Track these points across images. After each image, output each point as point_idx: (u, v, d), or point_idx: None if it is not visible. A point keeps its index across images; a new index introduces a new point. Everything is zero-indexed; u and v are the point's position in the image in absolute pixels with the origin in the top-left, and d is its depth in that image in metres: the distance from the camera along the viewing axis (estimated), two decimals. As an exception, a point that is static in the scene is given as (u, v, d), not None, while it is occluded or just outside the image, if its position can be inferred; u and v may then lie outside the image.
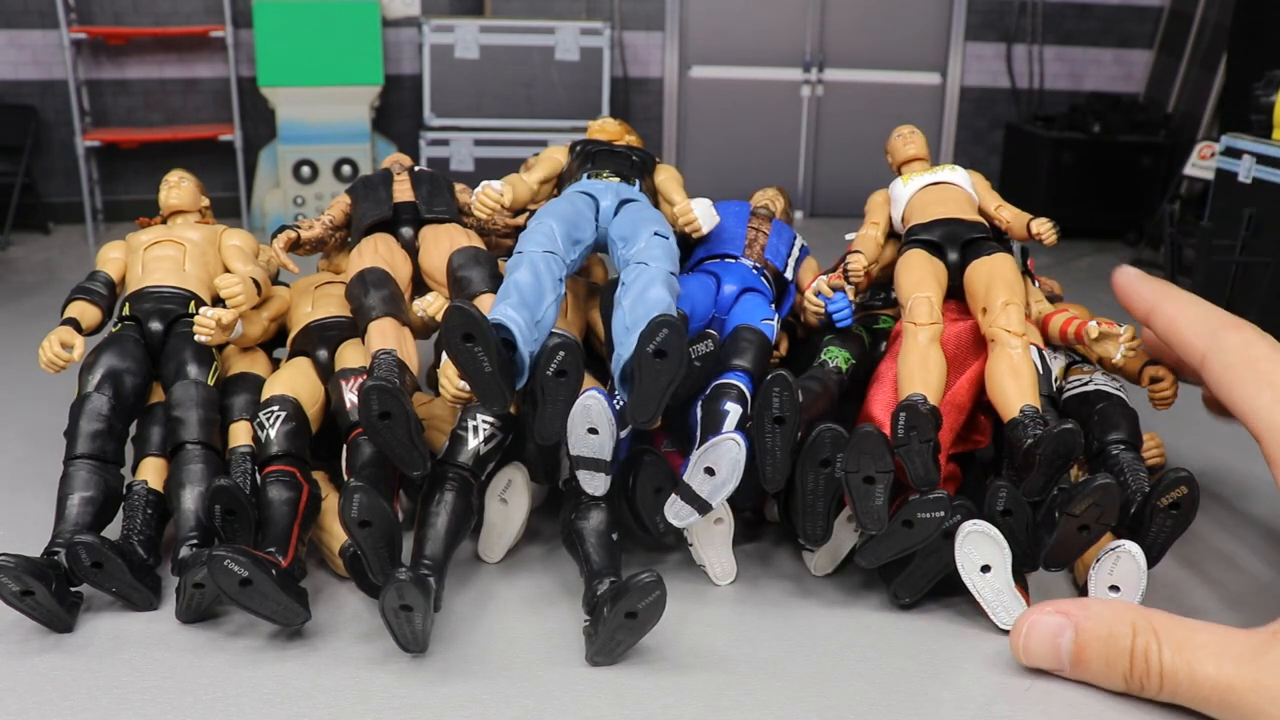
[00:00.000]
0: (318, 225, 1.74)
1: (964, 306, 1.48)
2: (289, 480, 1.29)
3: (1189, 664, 0.64)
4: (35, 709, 0.98)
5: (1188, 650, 0.65)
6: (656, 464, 1.29)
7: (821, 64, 5.14)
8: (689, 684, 1.06)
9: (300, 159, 4.41)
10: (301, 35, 4.32)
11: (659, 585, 1.04)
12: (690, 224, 1.56)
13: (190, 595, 1.14)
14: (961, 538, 1.19)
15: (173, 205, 1.68)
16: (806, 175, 5.25)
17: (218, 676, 1.05)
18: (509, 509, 1.35)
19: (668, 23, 4.99)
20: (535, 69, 4.63)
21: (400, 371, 1.34)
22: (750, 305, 1.49)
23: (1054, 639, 0.70)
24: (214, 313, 1.40)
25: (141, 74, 4.62)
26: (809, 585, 1.32)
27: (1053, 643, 0.70)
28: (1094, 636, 0.67)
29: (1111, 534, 1.26)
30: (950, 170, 1.69)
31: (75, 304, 1.50)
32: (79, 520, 1.25)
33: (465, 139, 4.62)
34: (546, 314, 1.29)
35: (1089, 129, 4.81)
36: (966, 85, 5.30)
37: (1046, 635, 0.69)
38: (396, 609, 1.04)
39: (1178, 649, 0.65)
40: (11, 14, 4.42)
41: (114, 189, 4.66)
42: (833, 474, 1.20)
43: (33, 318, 2.81)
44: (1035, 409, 1.25)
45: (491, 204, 1.57)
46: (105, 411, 1.35)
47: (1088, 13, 5.32)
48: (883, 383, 1.38)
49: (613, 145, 1.69)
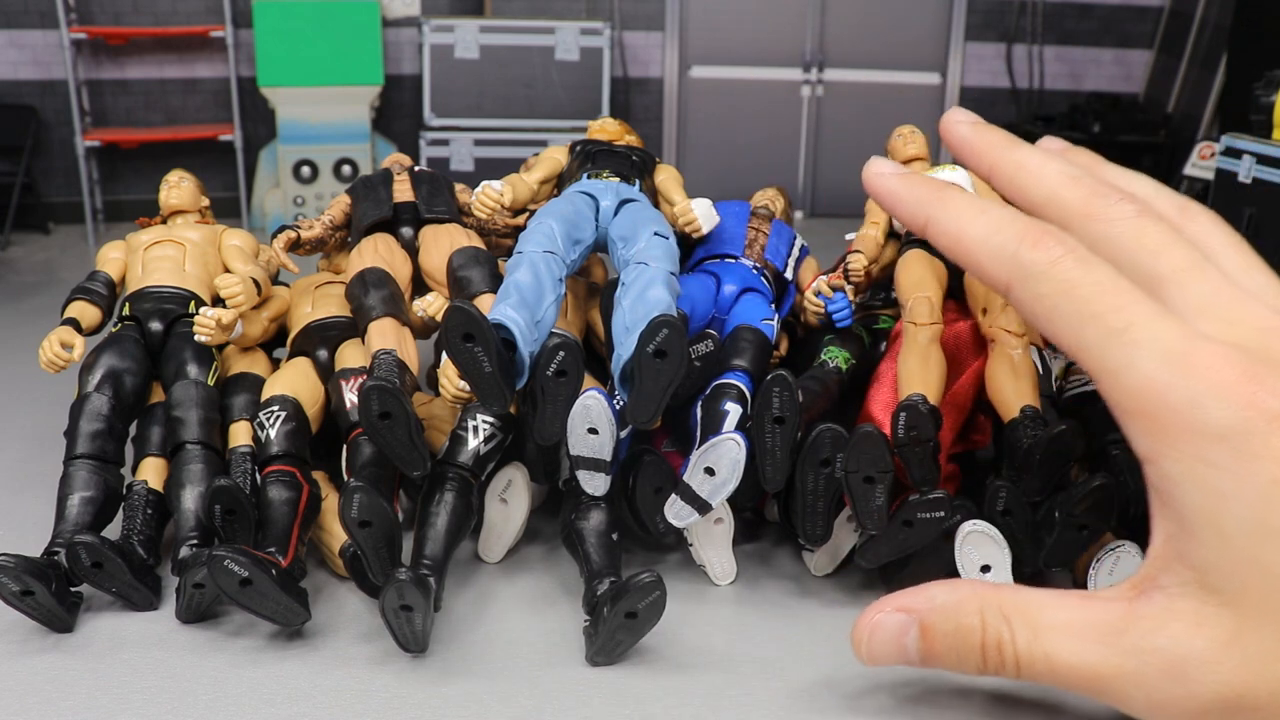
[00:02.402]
0: (318, 225, 1.74)
1: (964, 306, 1.48)
2: (289, 480, 1.29)
3: (1045, 653, 0.58)
4: (35, 709, 0.98)
5: (1043, 635, 0.59)
6: (656, 464, 1.29)
7: (821, 64, 5.14)
8: (689, 684, 1.06)
9: (300, 159, 4.41)
10: (301, 35, 4.31)
11: (659, 585, 1.04)
12: (690, 224, 1.56)
13: (190, 595, 1.14)
14: (961, 538, 1.19)
15: (173, 205, 1.68)
16: (806, 175, 5.25)
17: (218, 676, 1.05)
18: (509, 509, 1.35)
19: (668, 23, 4.99)
20: (535, 69, 4.63)
21: (400, 371, 1.34)
22: (750, 305, 1.49)
23: (898, 639, 0.63)
24: (214, 313, 1.40)
25: (141, 74, 4.62)
26: (809, 585, 1.32)
27: (898, 643, 0.63)
28: (940, 632, 0.60)
29: (1111, 534, 1.26)
30: (951, 170, 1.69)
31: (75, 304, 1.50)
32: (79, 520, 1.25)
33: (465, 139, 4.62)
34: (546, 314, 1.29)
35: (1089, 129, 4.81)
36: (966, 85, 5.30)
37: (890, 636, 0.62)
38: (396, 609, 1.04)
39: (1033, 635, 0.59)
40: (11, 14, 4.42)
41: (114, 189, 4.66)
42: (833, 474, 1.21)
43: (33, 318, 2.81)
44: (1035, 409, 1.25)
45: (491, 204, 1.57)
46: (105, 411, 1.35)
47: (1088, 13, 5.32)
48: (883, 383, 1.38)
49: (613, 145, 1.69)
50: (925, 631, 0.64)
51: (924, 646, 0.64)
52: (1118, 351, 0.60)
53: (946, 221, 0.64)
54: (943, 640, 0.64)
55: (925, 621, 0.64)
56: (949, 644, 0.64)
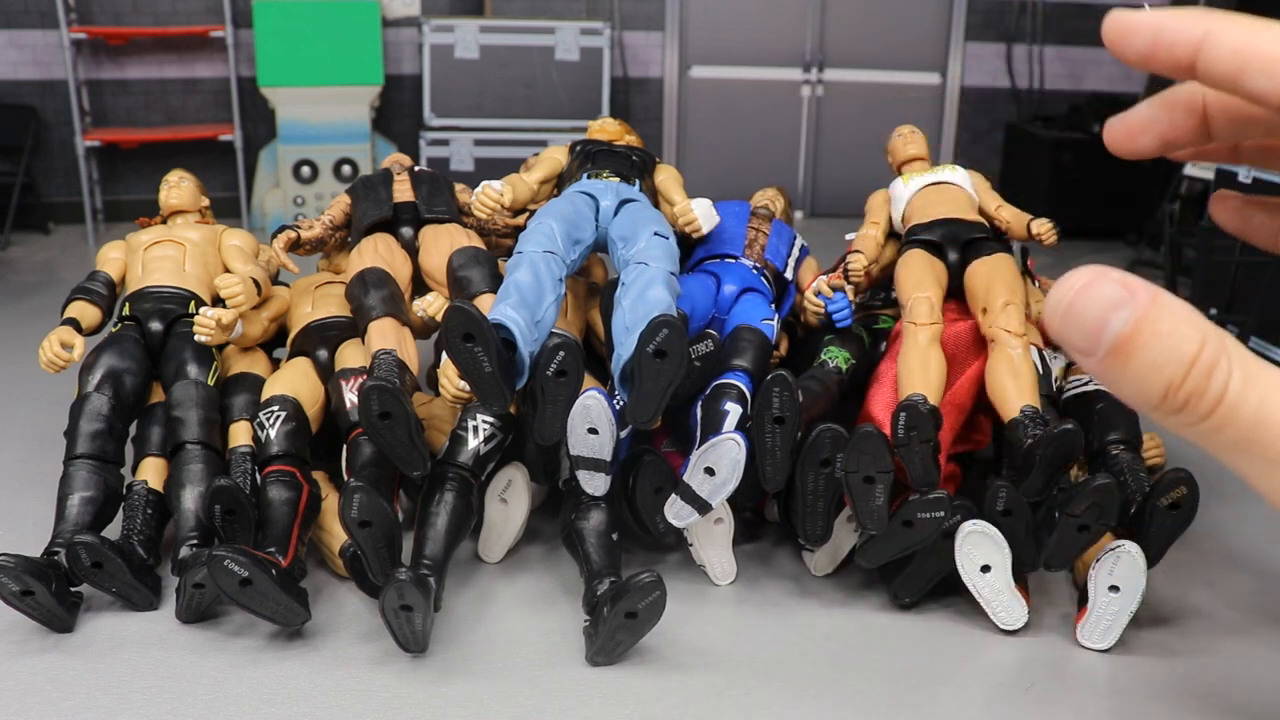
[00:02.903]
0: (318, 225, 1.74)
1: (964, 306, 1.48)
2: (289, 480, 1.29)
3: (1261, 397, 0.50)
4: (35, 709, 0.98)
5: (1263, 384, 0.51)
6: (656, 464, 1.29)
7: (821, 64, 5.14)
8: (689, 684, 1.06)
9: (300, 159, 4.41)
10: (301, 35, 4.31)
11: (659, 585, 1.04)
12: (690, 224, 1.56)
13: (190, 595, 1.14)
14: (961, 538, 1.19)
15: (173, 205, 1.68)
16: (806, 175, 5.25)
17: (218, 676, 1.05)
18: (509, 509, 1.35)
19: (668, 23, 4.99)
20: (535, 69, 4.63)
21: (400, 371, 1.34)
22: (750, 305, 1.49)
23: (1106, 311, 0.56)
24: (214, 313, 1.40)
25: (141, 74, 4.62)
26: (809, 585, 1.32)
27: (1102, 315, 0.56)
28: (1154, 330, 0.53)
29: (1111, 534, 1.25)
30: (951, 170, 1.69)
31: (75, 304, 1.50)
32: (79, 520, 1.25)
33: (465, 139, 4.62)
34: (546, 314, 1.29)
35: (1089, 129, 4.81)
36: (966, 85, 5.30)
37: (1100, 304, 0.54)
38: (396, 609, 1.04)
39: (1249, 379, 0.51)
40: (11, 14, 4.42)
41: (114, 189, 4.66)
42: (833, 474, 1.20)
43: (33, 318, 2.81)
44: (1035, 409, 1.25)
45: (491, 204, 1.57)
46: (105, 411, 1.35)
47: (1088, 13, 5.31)
48: (883, 383, 1.38)
49: (613, 145, 1.69)
50: (1140, 320, 0.56)
51: (1128, 335, 0.56)
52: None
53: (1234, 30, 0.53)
54: (1152, 338, 0.56)
55: (1146, 311, 0.56)
56: (1156, 346, 0.56)
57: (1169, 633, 1.42)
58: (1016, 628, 1.36)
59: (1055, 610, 1.45)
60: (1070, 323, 0.69)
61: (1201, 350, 0.57)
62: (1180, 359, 0.59)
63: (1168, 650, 1.38)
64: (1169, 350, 0.60)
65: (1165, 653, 1.37)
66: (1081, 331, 0.66)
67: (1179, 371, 0.59)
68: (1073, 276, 0.64)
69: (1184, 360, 0.58)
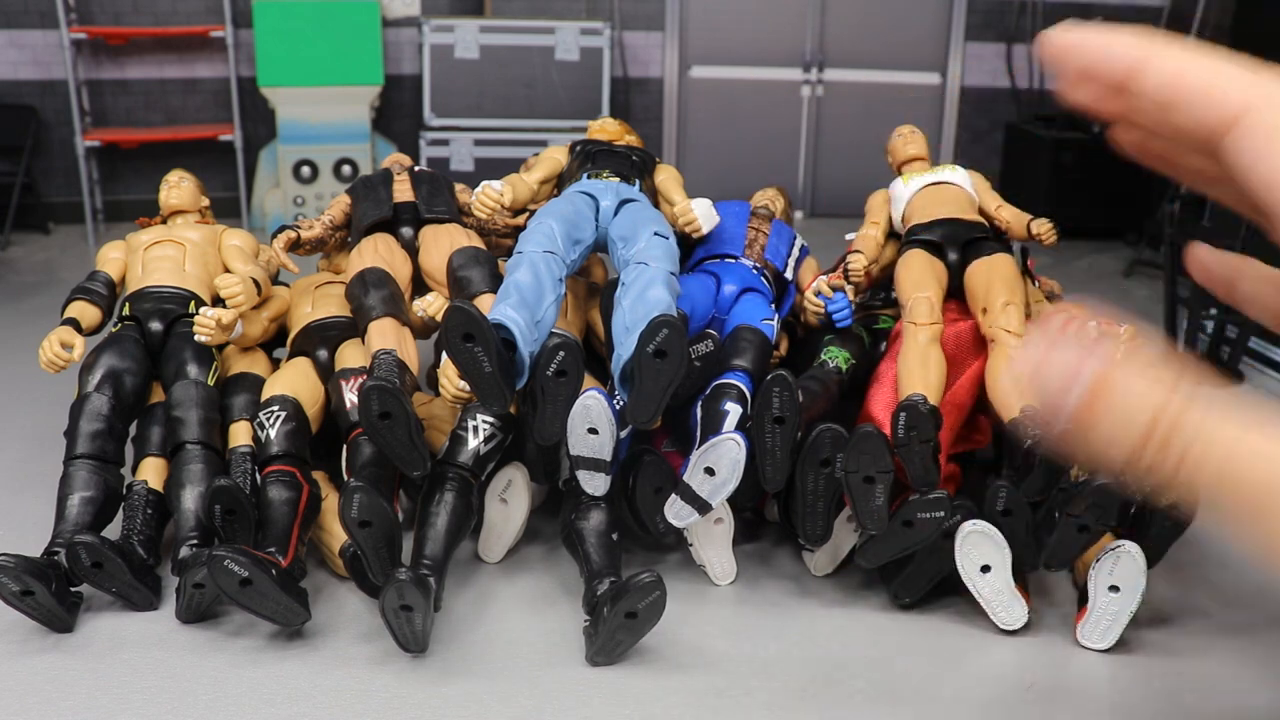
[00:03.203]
0: (318, 225, 1.74)
1: (964, 306, 1.48)
2: (289, 480, 1.29)
3: (1221, 461, 0.47)
4: (35, 709, 0.98)
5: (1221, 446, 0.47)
6: (656, 464, 1.29)
7: (821, 64, 5.14)
8: (689, 684, 1.06)
9: (300, 159, 4.41)
10: (301, 35, 4.31)
11: (659, 585, 1.05)
12: (690, 224, 1.56)
13: (190, 595, 1.14)
14: (961, 538, 1.19)
15: (173, 205, 1.68)
16: (806, 175, 5.25)
17: (218, 676, 1.06)
18: (509, 509, 1.35)
19: (668, 23, 4.99)
20: (535, 69, 4.63)
21: (400, 371, 1.34)
22: (750, 305, 1.49)
23: (1060, 387, 0.54)
24: (214, 313, 1.40)
25: (141, 74, 4.62)
26: (809, 585, 1.32)
27: (1059, 389, 0.54)
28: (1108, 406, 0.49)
29: (1111, 534, 1.26)
30: (950, 170, 1.69)
31: (75, 304, 1.50)
32: (79, 520, 1.25)
33: (465, 139, 4.62)
34: (546, 314, 1.29)
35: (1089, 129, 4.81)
36: (966, 85, 5.30)
37: (1055, 378, 0.52)
38: (396, 609, 1.04)
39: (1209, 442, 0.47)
40: (11, 14, 4.42)
41: (114, 189, 4.66)
42: (833, 474, 1.21)
43: (33, 318, 2.81)
44: (1035, 409, 1.25)
45: (491, 204, 1.57)
46: (105, 411, 1.35)
47: (1088, 13, 5.31)
48: (883, 383, 1.38)
49: (613, 145, 1.69)
50: (1091, 399, 0.54)
51: (1083, 411, 0.53)
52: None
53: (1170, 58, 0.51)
54: (1105, 414, 0.54)
55: (1095, 388, 0.53)
56: (1109, 421, 0.54)
57: (1169, 633, 1.42)
58: (1016, 628, 1.37)
59: (1055, 610, 1.45)
60: (1036, 396, 0.67)
61: (1155, 424, 0.56)
62: (1134, 434, 0.57)
63: (1168, 650, 1.38)
64: (1122, 427, 0.58)
65: (1165, 653, 1.37)
66: (1045, 406, 0.65)
67: (1135, 445, 0.58)
68: (1032, 343, 0.63)
69: (1137, 435, 0.57)
